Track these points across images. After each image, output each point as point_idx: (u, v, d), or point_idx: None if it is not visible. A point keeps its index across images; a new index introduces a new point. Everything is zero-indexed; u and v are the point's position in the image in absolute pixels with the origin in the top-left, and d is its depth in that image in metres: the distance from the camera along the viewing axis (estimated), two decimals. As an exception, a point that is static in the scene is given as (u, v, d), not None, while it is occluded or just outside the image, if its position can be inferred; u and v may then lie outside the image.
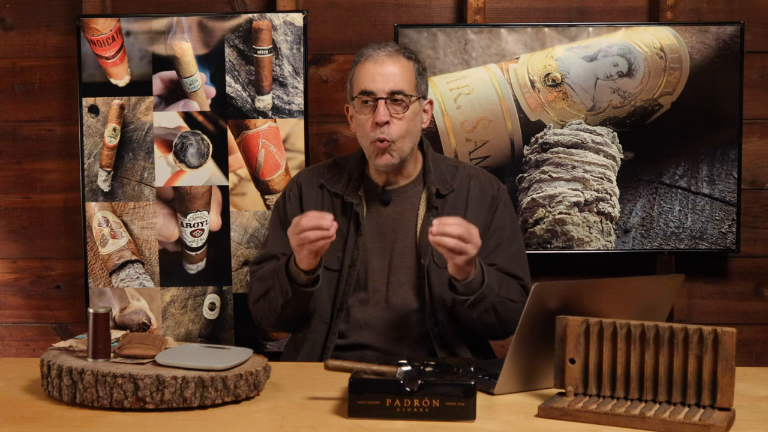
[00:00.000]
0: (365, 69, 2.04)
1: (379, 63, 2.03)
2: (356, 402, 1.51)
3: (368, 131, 2.03)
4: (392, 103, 2.01)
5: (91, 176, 2.65)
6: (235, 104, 2.63)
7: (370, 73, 2.03)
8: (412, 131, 2.05)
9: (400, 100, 2.01)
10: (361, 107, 2.04)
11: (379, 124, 2.00)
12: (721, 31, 2.61)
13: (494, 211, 2.11)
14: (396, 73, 2.02)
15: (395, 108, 2.02)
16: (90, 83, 2.64)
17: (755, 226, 2.75)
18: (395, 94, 2.01)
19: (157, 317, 2.67)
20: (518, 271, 2.08)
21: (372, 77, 2.02)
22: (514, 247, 2.11)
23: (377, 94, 2.01)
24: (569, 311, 1.60)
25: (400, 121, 2.02)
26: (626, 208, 2.64)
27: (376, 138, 2.01)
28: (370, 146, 2.04)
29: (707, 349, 1.47)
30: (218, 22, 2.62)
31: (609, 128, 2.63)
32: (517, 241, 2.14)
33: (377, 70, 2.02)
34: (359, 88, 2.04)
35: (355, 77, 2.06)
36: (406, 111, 2.02)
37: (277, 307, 2.02)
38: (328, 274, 2.07)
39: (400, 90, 2.01)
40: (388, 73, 2.02)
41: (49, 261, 2.82)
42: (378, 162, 2.04)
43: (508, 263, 2.08)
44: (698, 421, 1.43)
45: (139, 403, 1.53)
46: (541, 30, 2.62)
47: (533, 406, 1.57)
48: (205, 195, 2.65)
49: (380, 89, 2.01)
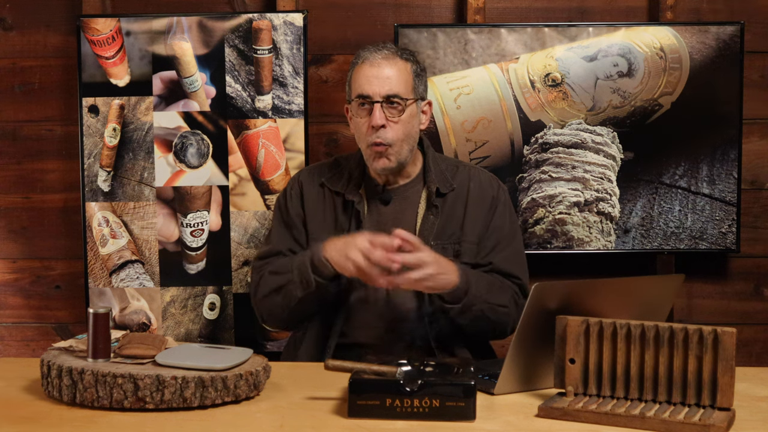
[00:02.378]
0: (362, 72, 2.04)
1: (375, 66, 2.03)
2: (356, 402, 1.50)
3: (364, 134, 2.04)
4: (388, 106, 2.02)
5: (91, 176, 2.65)
6: (235, 104, 2.63)
7: (366, 76, 2.03)
8: (409, 134, 2.05)
9: (396, 103, 2.02)
10: (358, 110, 2.05)
11: (374, 128, 2.00)
12: (721, 31, 2.61)
13: (493, 211, 2.11)
14: (392, 77, 2.02)
15: (391, 112, 2.02)
16: (90, 83, 2.64)
17: (755, 226, 2.75)
18: (391, 98, 2.01)
19: (157, 317, 2.67)
20: (516, 272, 2.08)
21: (368, 80, 2.02)
22: (512, 248, 2.11)
23: (373, 97, 2.01)
24: (569, 311, 1.60)
25: (396, 125, 2.02)
26: (626, 208, 2.64)
27: (372, 142, 2.02)
28: (367, 150, 2.05)
29: (707, 349, 1.47)
30: (218, 22, 2.62)
31: (609, 128, 2.63)
32: (515, 241, 2.14)
33: (373, 73, 2.02)
34: (356, 92, 2.04)
35: (353, 80, 2.07)
36: (402, 115, 2.02)
37: (291, 301, 2.02)
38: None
39: (395, 94, 2.01)
40: (384, 76, 2.02)
41: (49, 261, 2.82)
42: (375, 166, 2.05)
43: (506, 263, 2.08)
44: (698, 421, 1.43)
45: (139, 403, 1.53)
46: (541, 30, 2.62)
47: (533, 406, 1.57)
48: (205, 195, 2.65)
49: (376, 93, 2.01)
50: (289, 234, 2.15)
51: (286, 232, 2.15)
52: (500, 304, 2.00)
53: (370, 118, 2.01)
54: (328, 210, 2.12)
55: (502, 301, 2.01)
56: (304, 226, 2.14)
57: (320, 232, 2.10)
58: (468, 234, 2.08)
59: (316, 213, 2.13)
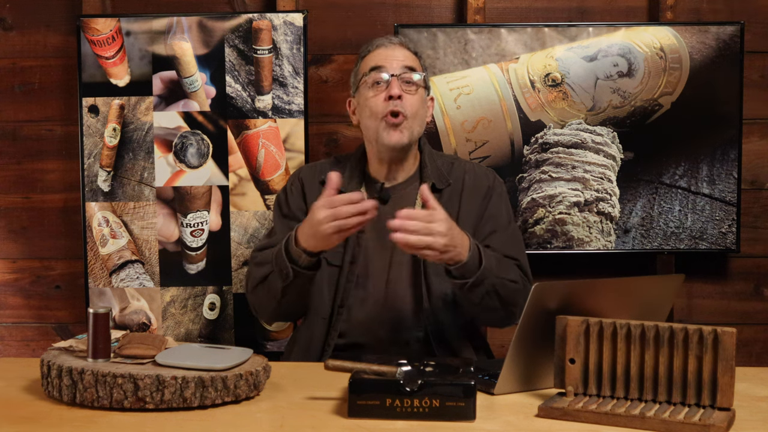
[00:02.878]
0: (376, 53, 2.09)
1: (390, 48, 2.09)
2: (356, 402, 1.50)
3: (379, 106, 2.03)
4: (404, 82, 2.04)
5: (91, 176, 2.65)
6: (235, 104, 2.63)
7: (381, 55, 2.08)
8: (421, 114, 2.07)
9: (412, 78, 2.05)
10: (372, 88, 2.05)
11: (392, 97, 2.01)
12: (721, 31, 2.61)
13: (488, 200, 2.11)
14: (408, 56, 2.09)
15: (407, 86, 2.05)
16: (90, 83, 2.64)
17: (755, 226, 2.75)
18: (407, 70, 2.05)
19: (157, 317, 2.67)
20: (515, 254, 2.06)
21: (384, 57, 2.07)
22: (509, 232, 2.10)
23: (389, 70, 2.05)
24: (569, 311, 1.60)
25: (412, 97, 2.04)
26: (626, 208, 2.64)
27: (388, 111, 2.01)
28: (380, 123, 2.03)
29: (707, 349, 1.47)
30: (218, 22, 2.62)
31: (609, 128, 2.63)
32: (512, 227, 2.13)
33: (389, 53, 2.08)
34: (370, 65, 2.07)
35: (365, 63, 2.10)
36: (417, 90, 2.06)
37: (276, 293, 1.98)
38: (329, 269, 2.06)
39: (411, 66, 2.06)
40: (400, 55, 2.08)
41: (49, 261, 2.82)
42: (389, 139, 2.02)
43: (504, 246, 2.05)
44: (698, 421, 1.43)
45: (139, 403, 1.53)
46: (541, 30, 2.62)
47: (533, 406, 1.57)
48: (205, 195, 2.65)
49: (392, 66, 2.05)
50: (288, 227, 2.13)
51: (286, 225, 2.12)
52: (511, 279, 1.97)
53: (387, 90, 2.03)
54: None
55: (512, 277, 1.98)
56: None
57: None
58: (463, 225, 2.05)
59: None
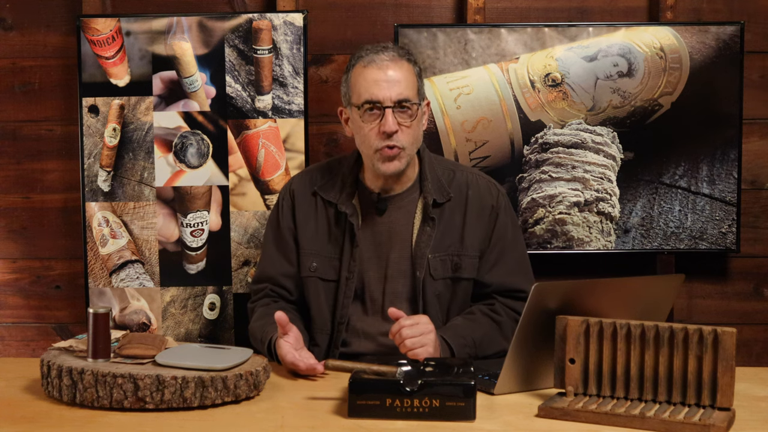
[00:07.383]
0: (368, 75, 1.97)
1: (383, 69, 1.96)
2: (356, 402, 1.51)
3: (374, 140, 1.97)
4: (399, 111, 1.96)
5: (91, 176, 2.65)
6: (235, 104, 2.63)
7: (374, 80, 1.96)
8: (418, 136, 2.02)
9: (407, 108, 1.96)
10: (365, 115, 1.97)
11: (387, 134, 1.94)
12: (721, 31, 2.61)
13: (495, 221, 2.08)
14: (401, 80, 1.96)
15: (402, 116, 1.96)
16: (90, 83, 2.64)
17: (755, 226, 2.75)
18: (402, 103, 1.96)
19: (157, 317, 2.67)
20: (522, 284, 2.05)
21: (377, 84, 1.95)
22: (516, 257, 2.09)
23: (384, 102, 1.95)
24: (569, 311, 1.60)
25: (408, 129, 1.97)
26: (626, 208, 2.64)
27: (383, 146, 1.95)
28: (374, 154, 1.98)
29: (707, 349, 1.47)
30: (218, 22, 2.62)
31: (609, 128, 2.63)
32: (519, 248, 2.11)
33: (381, 77, 1.95)
34: (364, 97, 1.97)
35: (357, 83, 1.99)
36: (413, 119, 1.98)
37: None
38: (326, 284, 2.07)
39: (406, 98, 1.96)
40: (394, 79, 1.95)
41: (49, 261, 2.82)
42: (385, 169, 1.98)
43: (511, 276, 2.06)
44: (698, 421, 1.43)
45: (139, 403, 1.53)
46: (541, 30, 2.62)
47: (533, 406, 1.57)
48: (205, 195, 2.65)
49: (386, 97, 1.95)
50: (281, 256, 2.12)
51: (277, 255, 2.12)
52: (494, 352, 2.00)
53: (381, 124, 1.95)
54: (321, 221, 2.09)
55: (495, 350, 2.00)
56: (295, 242, 2.11)
57: (313, 244, 2.08)
58: (468, 248, 2.05)
59: (308, 225, 2.10)
